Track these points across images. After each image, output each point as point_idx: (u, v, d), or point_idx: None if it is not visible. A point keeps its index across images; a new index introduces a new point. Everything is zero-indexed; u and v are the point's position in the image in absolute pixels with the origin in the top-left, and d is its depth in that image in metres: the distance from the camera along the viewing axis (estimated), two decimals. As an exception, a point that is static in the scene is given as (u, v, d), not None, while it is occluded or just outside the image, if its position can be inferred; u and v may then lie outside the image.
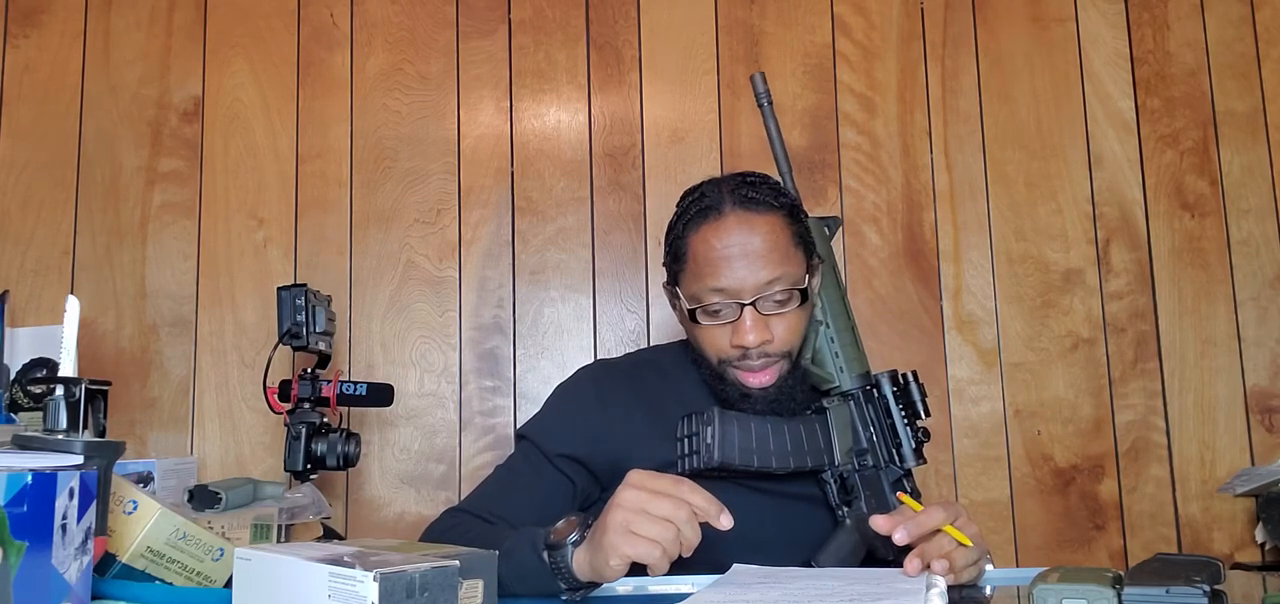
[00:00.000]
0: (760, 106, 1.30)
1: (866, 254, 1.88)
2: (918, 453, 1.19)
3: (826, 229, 1.28)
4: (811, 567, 1.13)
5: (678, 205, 1.28)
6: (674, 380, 1.31)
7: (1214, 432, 1.84)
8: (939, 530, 1.01)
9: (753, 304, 1.17)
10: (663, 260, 1.29)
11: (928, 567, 0.98)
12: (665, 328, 1.84)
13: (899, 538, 1.00)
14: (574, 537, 0.98)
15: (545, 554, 0.99)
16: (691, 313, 1.21)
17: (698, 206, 1.22)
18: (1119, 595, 0.79)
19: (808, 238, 1.23)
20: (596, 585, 0.99)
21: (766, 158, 1.32)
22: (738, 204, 1.20)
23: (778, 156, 1.29)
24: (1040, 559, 1.77)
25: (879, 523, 1.02)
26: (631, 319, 1.87)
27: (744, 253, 1.17)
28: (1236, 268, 1.88)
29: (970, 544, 1.02)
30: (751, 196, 1.21)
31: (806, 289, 1.19)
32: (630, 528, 0.92)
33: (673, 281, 1.27)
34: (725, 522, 0.94)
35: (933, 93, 1.93)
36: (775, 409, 1.20)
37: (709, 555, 0.98)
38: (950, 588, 0.95)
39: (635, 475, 0.96)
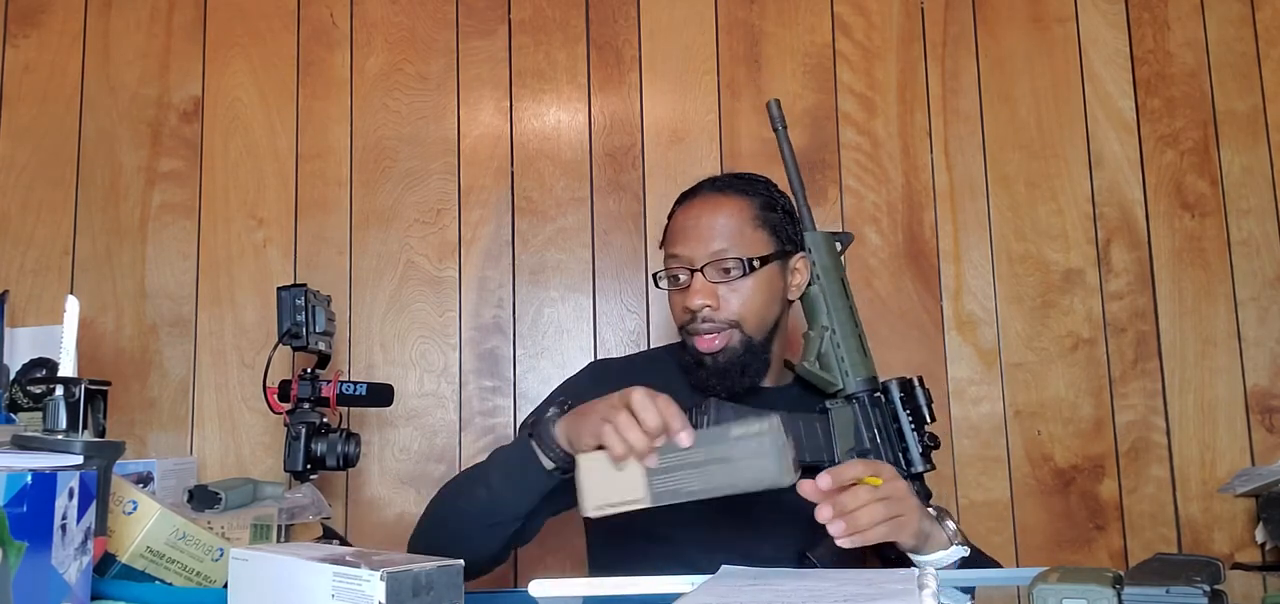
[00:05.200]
0: (775, 132, 1.34)
1: (866, 254, 1.88)
2: (925, 457, 1.20)
3: (839, 244, 1.32)
4: (806, 560, 1.14)
5: None
6: (672, 375, 1.32)
7: (1214, 432, 1.84)
8: (858, 483, 1.04)
9: (701, 270, 1.25)
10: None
11: (843, 518, 1.02)
12: (665, 328, 1.84)
13: (823, 483, 1.02)
14: (554, 412, 1.09)
15: (528, 436, 1.10)
16: (656, 278, 1.31)
17: (683, 191, 1.34)
18: (1119, 595, 0.79)
19: (780, 228, 1.28)
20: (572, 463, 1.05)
21: (767, 158, 1.33)
22: (711, 187, 1.31)
23: (792, 182, 1.32)
24: (1040, 559, 1.77)
25: (805, 488, 1.03)
26: (632, 319, 1.87)
27: (700, 223, 1.26)
28: (1237, 268, 1.88)
29: (879, 481, 1.04)
30: (724, 181, 1.32)
31: (752, 262, 1.24)
32: (610, 420, 0.98)
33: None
34: (684, 439, 0.97)
35: (933, 93, 1.93)
36: (722, 378, 1.25)
37: (703, 555, 0.98)
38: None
39: (643, 394, 1.00)
